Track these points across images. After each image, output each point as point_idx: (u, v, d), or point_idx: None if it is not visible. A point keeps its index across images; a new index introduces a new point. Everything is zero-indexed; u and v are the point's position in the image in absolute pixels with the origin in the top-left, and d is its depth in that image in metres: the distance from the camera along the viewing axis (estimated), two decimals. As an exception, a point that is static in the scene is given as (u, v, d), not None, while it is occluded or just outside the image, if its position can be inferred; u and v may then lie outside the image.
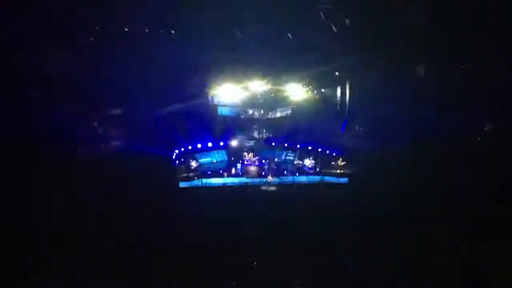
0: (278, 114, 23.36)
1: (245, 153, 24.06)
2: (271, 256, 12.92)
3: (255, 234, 14.32)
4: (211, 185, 20.21)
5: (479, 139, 20.57)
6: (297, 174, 21.29)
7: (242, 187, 20.25)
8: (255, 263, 12.37)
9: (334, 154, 22.38)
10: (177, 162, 21.86)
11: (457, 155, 18.37)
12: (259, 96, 21.90)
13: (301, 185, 20.35)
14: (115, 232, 13.95)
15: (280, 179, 20.87)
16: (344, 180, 20.47)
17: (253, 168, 22.56)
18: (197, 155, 23.71)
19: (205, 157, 23.96)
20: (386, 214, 15.86)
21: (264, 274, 11.95)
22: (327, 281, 11.69)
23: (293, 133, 24.54)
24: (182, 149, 23.23)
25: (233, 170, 22.16)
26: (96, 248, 12.82)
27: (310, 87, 24.47)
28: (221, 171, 22.12)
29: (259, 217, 15.70)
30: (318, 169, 21.98)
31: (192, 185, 19.82)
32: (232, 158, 24.33)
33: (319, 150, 23.48)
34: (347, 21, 22.67)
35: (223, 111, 23.28)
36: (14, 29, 16.38)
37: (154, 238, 13.80)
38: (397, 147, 20.15)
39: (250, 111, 22.33)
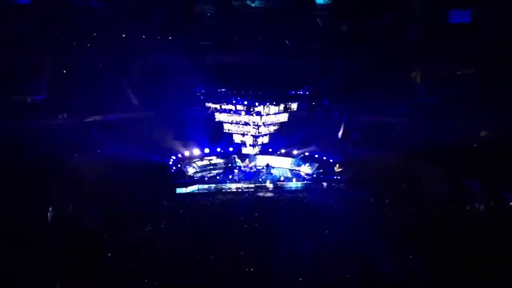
0: (276, 118, 23.46)
1: (243, 159, 24.37)
2: (270, 259, 12.89)
3: (253, 237, 14.27)
4: (209, 191, 20.06)
5: (475, 145, 20.74)
6: (294, 180, 21.23)
7: (240, 192, 20.16)
8: (252, 269, 12.29)
9: (331, 160, 22.42)
10: (174, 168, 21.78)
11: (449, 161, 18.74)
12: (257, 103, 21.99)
13: (298, 190, 20.29)
14: (112, 236, 13.86)
15: (278, 184, 20.79)
16: (341, 185, 20.45)
17: (250, 174, 22.54)
18: (194, 161, 23.84)
19: (203, 163, 24.00)
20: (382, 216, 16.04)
21: (263, 277, 11.89)
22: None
23: (291, 139, 24.78)
24: (180, 155, 23.30)
25: (230, 176, 22.11)
26: (94, 252, 12.75)
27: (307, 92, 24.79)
28: (218, 177, 22.08)
29: (256, 222, 15.64)
30: (315, 175, 22.01)
31: (189, 191, 19.68)
32: (229, 165, 24.69)
33: (316, 156, 23.60)
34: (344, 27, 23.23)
35: (221, 117, 23.32)
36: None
37: (151, 242, 13.74)
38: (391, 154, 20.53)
39: (248, 117, 22.34)
